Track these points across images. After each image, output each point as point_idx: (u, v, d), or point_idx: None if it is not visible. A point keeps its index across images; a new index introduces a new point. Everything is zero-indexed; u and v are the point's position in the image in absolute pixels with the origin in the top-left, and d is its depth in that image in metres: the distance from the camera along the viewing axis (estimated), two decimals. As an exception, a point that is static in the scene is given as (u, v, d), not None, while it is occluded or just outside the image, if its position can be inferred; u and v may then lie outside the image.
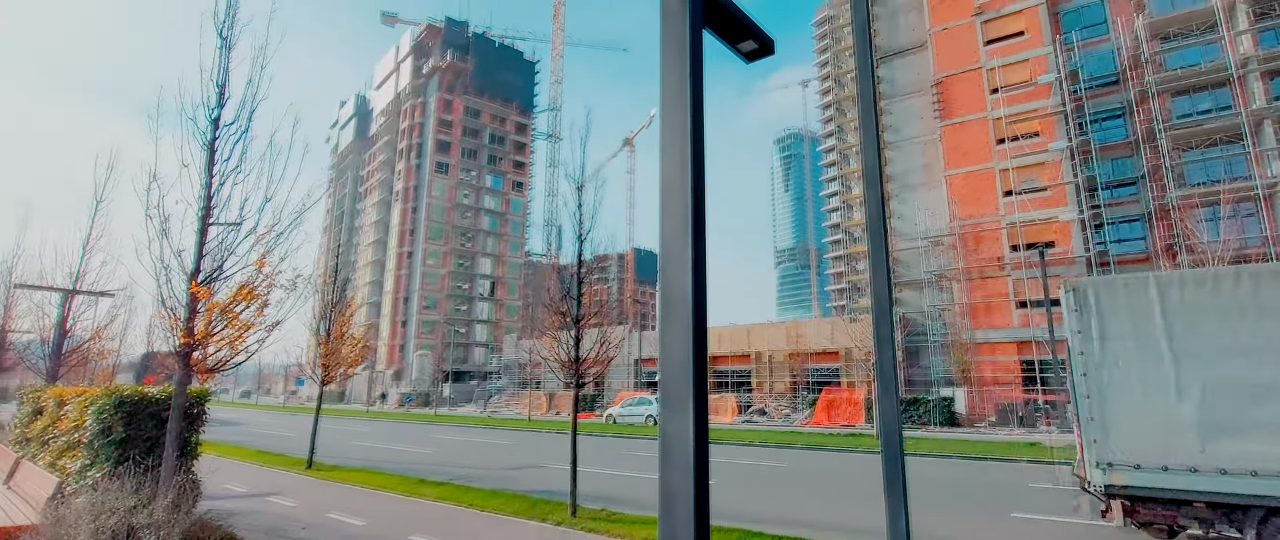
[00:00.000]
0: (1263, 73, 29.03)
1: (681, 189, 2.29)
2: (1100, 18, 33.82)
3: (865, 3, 4.36)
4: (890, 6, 40.95)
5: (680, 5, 2.36)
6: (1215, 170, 30.03)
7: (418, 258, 76.39)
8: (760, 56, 2.84)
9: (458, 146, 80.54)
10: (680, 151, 2.30)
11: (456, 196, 79.55)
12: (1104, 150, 32.70)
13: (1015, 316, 32.01)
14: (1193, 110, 30.89)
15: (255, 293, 8.23)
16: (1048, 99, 32.88)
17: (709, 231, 2.04)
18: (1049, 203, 32.14)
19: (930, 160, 37.25)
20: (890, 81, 40.01)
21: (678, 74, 2.34)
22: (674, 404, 2.08)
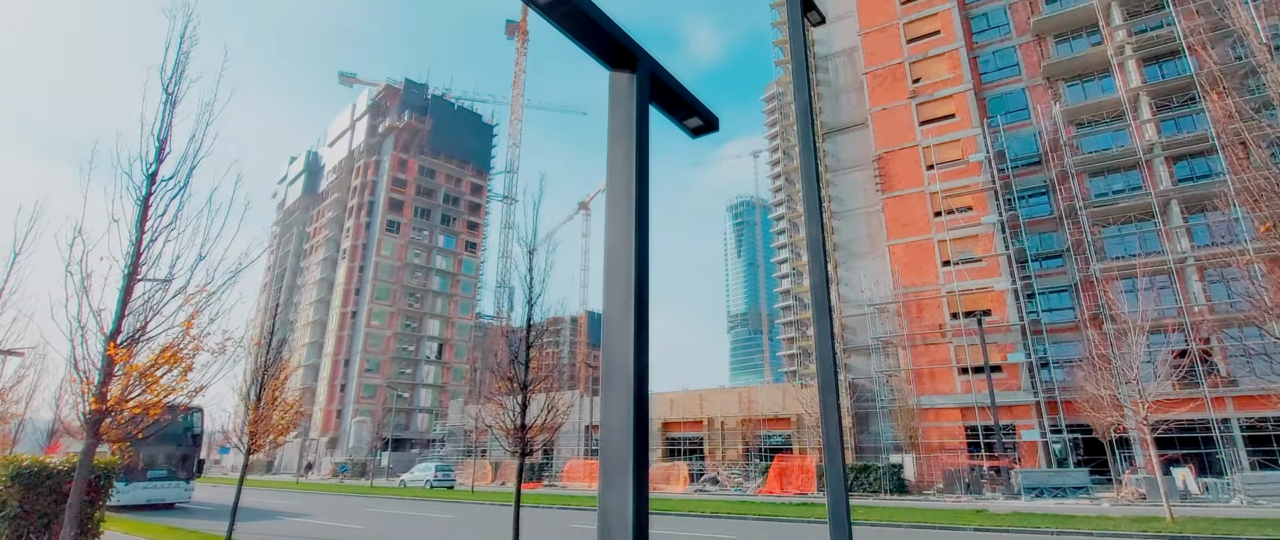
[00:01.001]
0: (1167, 157, 31.78)
1: (625, 258, 2.31)
2: (1022, 104, 36.69)
3: (806, 84, 4.60)
4: (834, 87, 43.52)
5: (628, 83, 2.45)
6: (1131, 245, 32.25)
7: (362, 318, 73.99)
8: (705, 133, 2.95)
9: (411, 206, 79.84)
10: (625, 222, 2.33)
11: (407, 256, 78.20)
12: (1032, 224, 34.81)
13: (958, 383, 32.89)
14: (1108, 190, 33.38)
15: (179, 356, 7.76)
16: (979, 176, 35.05)
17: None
18: (984, 273, 33.73)
19: (873, 230, 38.85)
20: (835, 155, 42.03)
21: (624, 147, 2.40)
22: (613, 475, 2.02)
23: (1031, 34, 36.84)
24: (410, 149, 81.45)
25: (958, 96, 36.88)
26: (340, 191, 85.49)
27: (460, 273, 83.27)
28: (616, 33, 2.46)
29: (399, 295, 76.63)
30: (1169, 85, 32.23)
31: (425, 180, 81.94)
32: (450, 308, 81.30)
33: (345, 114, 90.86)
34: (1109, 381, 23.51)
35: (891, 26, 39.96)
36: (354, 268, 76.82)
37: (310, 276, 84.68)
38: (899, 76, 38.96)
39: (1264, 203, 9.34)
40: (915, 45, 38.91)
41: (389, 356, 74.68)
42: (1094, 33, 35.73)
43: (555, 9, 2.54)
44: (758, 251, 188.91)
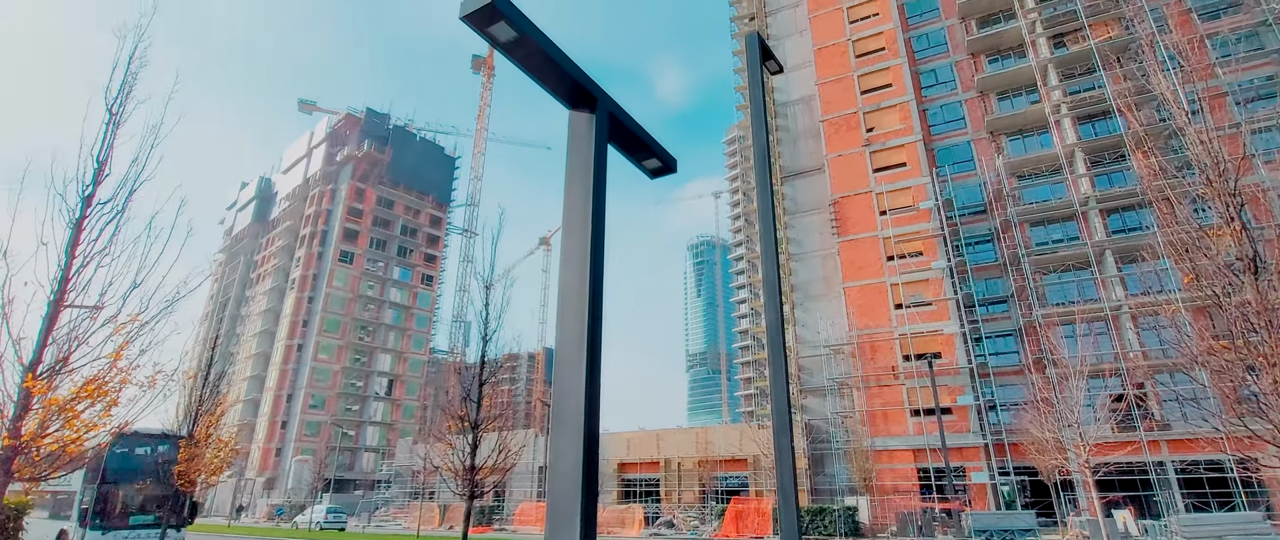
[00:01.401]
0: (1101, 210, 33.63)
1: (579, 298, 2.28)
2: (968, 155, 38.48)
3: (764, 130, 4.71)
4: (793, 133, 44.91)
5: (587, 123, 2.48)
6: (1070, 292, 33.75)
7: (309, 351, 71.29)
8: (663, 174, 2.99)
9: (366, 236, 78.17)
10: (580, 261, 2.31)
11: (360, 288, 76.16)
12: (978, 270, 36.15)
13: (910, 424, 33.43)
14: (1048, 239, 35.04)
15: (104, 389, 7.27)
16: (928, 223, 36.38)
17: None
18: (934, 316, 34.72)
19: (830, 273, 39.72)
20: (793, 198, 43.11)
21: (581, 186, 2.40)
22: (561, 520, 1.95)
23: (976, 90, 38.92)
24: (369, 178, 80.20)
25: (908, 146, 38.47)
26: (292, 219, 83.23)
27: (415, 306, 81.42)
28: (576, 73, 2.49)
29: (349, 328, 74.29)
30: (1101, 143, 34.32)
31: (383, 211, 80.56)
32: (403, 342, 79.15)
33: (302, 141, 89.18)
34: (1052, 424, 24.28)
35: (846, 78, 41.70)
36: (303, 298, 74.32)
37: (256, 307, 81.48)
38: (854, 125, 40.50)
39: (1187, 256, 9.93)
40: (869, 96, 40.62)
41: (336, 392, 71.90)
42: (1033, 92, 37.96)
43: (516, 48, 2.57)
44: (717, 291, 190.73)
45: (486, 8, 2.26)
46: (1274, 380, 8.53)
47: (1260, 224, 10.76)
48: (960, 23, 40.76)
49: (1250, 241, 9.09)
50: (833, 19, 43.64)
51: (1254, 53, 32.70)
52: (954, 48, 40.57)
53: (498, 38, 2.33)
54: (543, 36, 2.29)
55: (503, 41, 2.37)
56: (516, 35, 2.30)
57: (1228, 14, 34.04)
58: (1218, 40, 33.31)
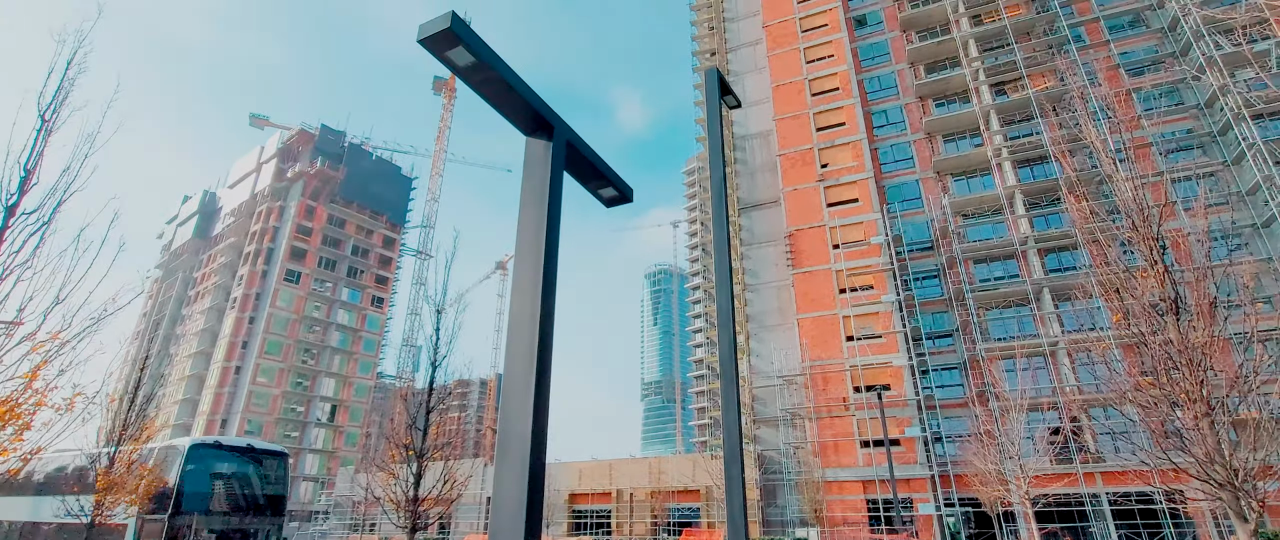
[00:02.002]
0: (1039, 249, 35.28)
1: (530, 325, 2.25)
2: (916, 194, 39.98)
3: (722, 163, 4.80)
4: (751, 166, 45.92)
5: (543, 150, 2.47)
6: (1011, 327, 35.12)
7: (247, 374, 68.16)
8: (619, 203, 2.99)
9: (315, 255, 75.77)
10: (531, 288, 2.28)
11: (305, 308, 73.53)
12: (925, 305, 37.31)
13: (860, 455, 33.92)
14: (990, 276, 36.50)
15: (16, 412, 6.75)
16: (879, 257, 37.49)
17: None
18: (884, 349, 35.57)
19: (784, 304, 40.37)
20: (750, 229, 43.88)
21: (535, 213, 2.39)
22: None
23: (923, 132, 40.65)
24: (320, 196, 78.11)
25: (861, 183, 39.75)
26: (237, 236, 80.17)
27: (363, 329, 78.98)
28: (534, 100, 2.49)
29: (292, 351, 71.41)
30: (1039, 186, 36.17)
31: (334, 230, 78.41)
32: (349, 366, 76.48)
33: (252, 155, 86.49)
34: (994, 456, 25.01)
35: (802, 116, 43.03)
36: (243, 319, 71.25)
37: (192, 326, 77.66)
38: (809, 161, 41.69)
39: (1117, 295, 10.48)
40: (823, 134, 41.96)
41: (274, 418, 68.72)
42: (976, 135, 39.88)
43: (474, 74, 2.56)
44: (674, 320, 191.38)
45: (444, 33, 2.25)
46: (1195, 416, 8.99)
47: (1182, 267, 11.47)
48: (909, 68, 42.69)
49: (1172, 284, 9.64)
50: (790, 58, 45.17)
51: (1174, 108, 35.21)
52: (904, 91, 42.40)
53: (456, 63, 2.32)
54: (501, 63, 2.29)
55: (461, 67, 2.36)
56: (474, 61, 2.30)
57: (1151, 71, 36.64)
58: (1142, 94, 35.75)
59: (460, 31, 2.25)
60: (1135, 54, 37.66)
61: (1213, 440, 9.45)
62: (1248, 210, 31.92)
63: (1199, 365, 9.39)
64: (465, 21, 2.55)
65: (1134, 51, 37.75)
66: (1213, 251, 10.64)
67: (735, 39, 50.72)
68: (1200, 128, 34.46)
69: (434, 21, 2.47)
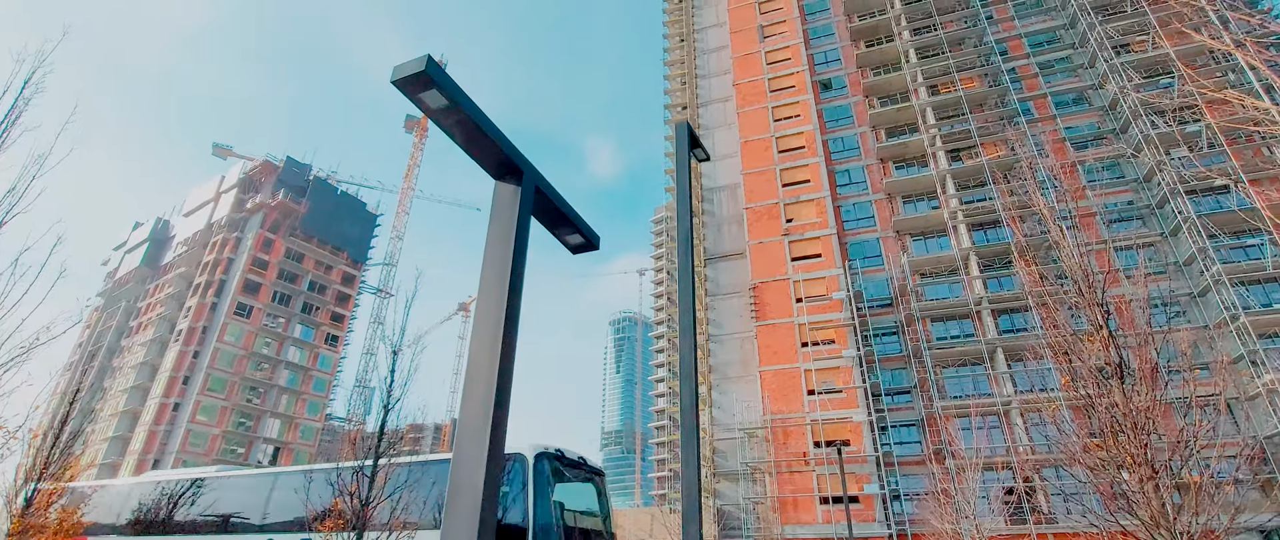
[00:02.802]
0: (992, 310, 36.39)
1: (488, 371, 2.20)
2: (877, 252, 41.10)
3: (689, 214, 4.87)
4: (718, 217, 46.74)
5: (512, 194, 2.48)
6: (967, 386, 35.80)
7: (187, 411, 64.77)
8: (586, 250, 3.00)
9: (269, 290, 73.45)
10: (492, 333, 2.25)
11: (255, 344, 70.78)
12: (884, 361, 37.88)
13: (819, 512, 33.64)
14: (947, 335, 37.38)
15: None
16: (840, 313, 38.14)
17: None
18: (844, 404, 35.82)
19: (747, 356, 40.52)
20: (715, 280, 44.32)
21: (500, 257, 2.37)
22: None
23: (884, 193, 42.12)
24: (280, 229, 76.32)
25: (824, 239, 40.74)
26: (188, 266, 77.41)
27: (315, 368, 76.21)
28: (504, 145, 2.52)
29: (237, 389, 68.30)
30: (992, 249, 37.57)
31: (291, 264, 76.38)
32: (297, 407, 73.38)
33: (211, 184, 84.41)
34: (951, 515, 25.08)
35: (769, 171, 44.24)
36: (188, 353, 68.13)
37: (131, 359, 73.84)
38: (775, 215, 42.66)
39: (1066, 358, 10.84)
40: (789, 190, 43.13)
41: (212, 458, 65.05)
42: (933, 198, 41.46)
43: (446, 116, 2.57)
44: (636, 369, 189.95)
45: (419, 75, 2.27)
46: (1140, 479, 9.21)
47: (1126, 332, 11.95)
48: (871, 131, 44.51)
49: (1117, 348, 10.00)
50: (759, 116, 46.71)
51: (1116, 181, 37.33)
52: (866, 152, 44.07)
53: (428, 104, 2.33)
54: (473, 107, 2.31)
55: (433, 109, 2.37)
56: (447, 103, 2.32)
57: (1094, 145, 38.94)
58: (1087, 167, 37.87)
59: (434, 74, 2.27)
60: (1080, 129, 40.02)
61: (1157, 503, 9.68)
62: (1185, 280, 33.62)
63: (1143, 429, 9.69)
64: (440, 65, 2.58)
65: (1078, 127, 40.13)
66: (1153, 319, 11.13)
67: (706, 95, 52.33)
68: (1140, 200, 36.50)
69: (409, 63, 2.49)
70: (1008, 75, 42.63)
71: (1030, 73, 42.99)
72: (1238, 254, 32.92)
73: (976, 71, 43.37)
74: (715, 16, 55.53)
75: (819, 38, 49.94)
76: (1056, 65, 42.80)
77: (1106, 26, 40.06)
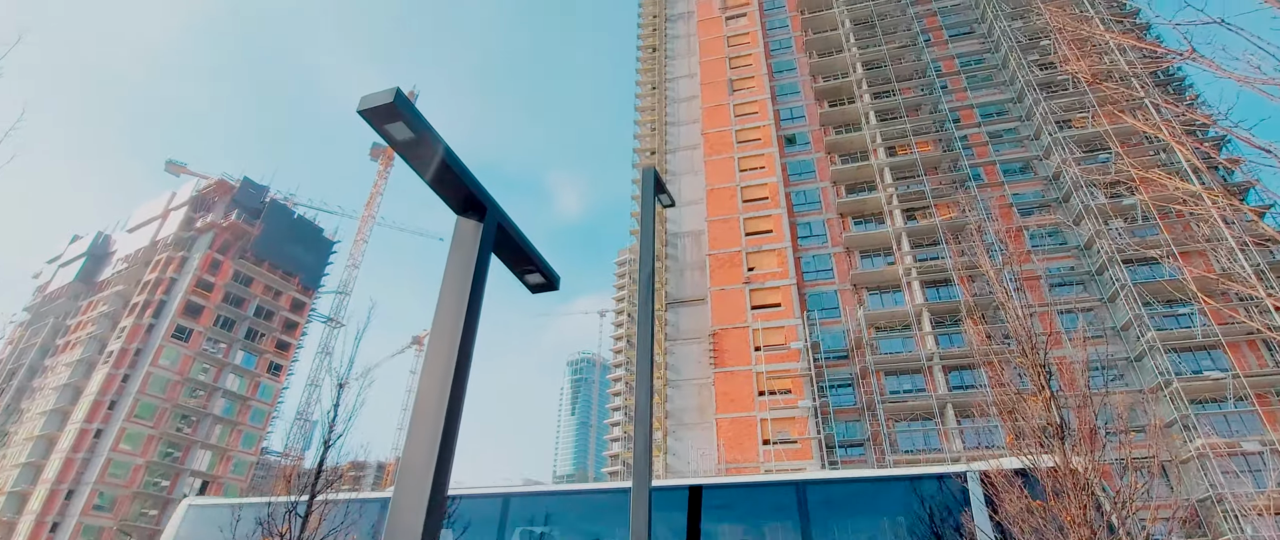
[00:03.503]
0: (943, 366, 37.28)
1: (437, 408, 2.13)
2: (834, 304, 41.92)
3: (651, 259, 4.90)
4: (681, 262, 47.19)
5: (474, 230, 2.46)
6: (918, 441, 36.31)
7: (109, 439, 60.79)
8: (546, 290, 2.97)
9: (212, 313, 70.38)
10: (443, 369, 2.19)
11: (191, 370, 67.35)
12: (839, 413, 38.23)
13: (770, 564, 33.20)
14: (900, 389, 38.04)
15: None
16: (798, 363, 38.54)
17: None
18: (798, 455, 35.85)
19: (704, 402, 40.41)
20: (676, 325, 44.42)
21: (457, 292, 2.33)
22: None
23: (842, 247, 43.27)
24: (229, 250, 73.73)
25: (784, 289, 41.43)
26: (126, 285, 73.81)
27: (254, 398, 72.74)
28: (469, 180, 2.50)
29: (167, 417, 64.53)
30: (943, 306, 38.74)
31: (238, 288, 73.56)
32: (231, 438, 69.63)
33: (160, 200, 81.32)
34: (899, 571, 25.05)
35: (733, 220, 45.10)
36: (117, 376, 64.30)
37: (53, 380, 69.25)
38: (737, 263, 43.29)
39: (1011, 417, 11.12)
40: (752, 239, 43.96)
41: (133, 491, 60.90)
42: (889, 254, 42.76)
43: (412, 149, 2.56)
44: (592, 412, 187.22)
45: (386, 106, 2.26)
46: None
47: (1067, 393, 12.36)
48: (832, 186, 45.96)
49: (1058, 409, 10.32)
50: (725, 165, 47.84)
51: (1059, 247, 39.20)
52: (826, 207, 45.39)
53: (394, 137, 2.31)
54: (439, 141, 2.30)
55: (399, 140, 2.35)
56: (413, 136, 2.30)
57: (1038, 212, 40.97)
58: (1032, 232, 39.75)
59: (403, 107, 2.26)
60: (1026, 196, 42.12)
61: (1097, 564, 9.87)
62: (1123, 344, 35.17)
63: (1084, 489, 9.94)
64: (409, 98, 2.58)
65: (1025, 194, 42.24)
66: (1092, 381, 11.57)
67: (675, 142, 53.45)
68: (1081, 266, 38.34)
69: (377, 94, 2.48)
70: (960, 142, 44.83)
71: (981, 141, 45.31)
72: (1170, 322, 34.69)
73: (931, 136, 45.50)
74: (687, 68, 57.23)
75: (785, 95, 51.85)
76: (1005, 135, 45.25)
77: (1050, 103, 42.69)
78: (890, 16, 52.13)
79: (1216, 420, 31.45)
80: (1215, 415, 31.72)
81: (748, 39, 54.75)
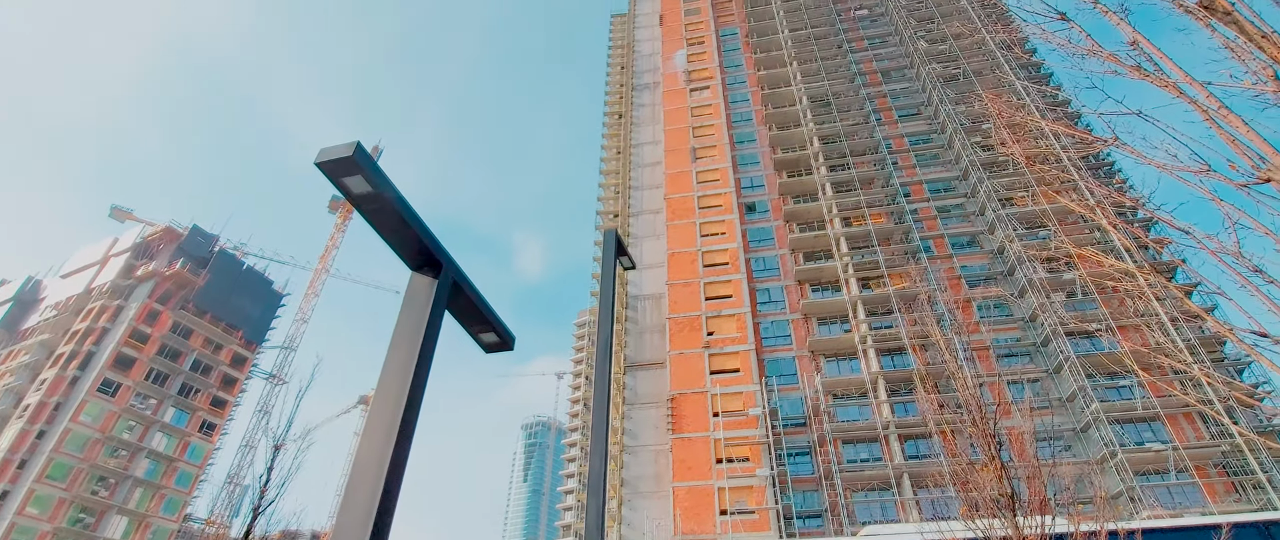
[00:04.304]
0: (899, 435, 37.50)
1: (376, 472, 2.01)
2: (792, 370, 42.15)
3: (610, 320, 4.86)
4: (640, 325, 47.06)
5: (427, 287, 2.39)
6: (876, 512, 36.01)
7: (14, 502, 55.68)
8: (500, 350, 2.90)
9: (145, 367, 66.48)
10: (386, 432, 2.07)
11: (116, 427, 62.92)
12: (797, 482, 37.80)
13: (726, 643, 31.85)
14: (857, 458, 37.98)
15: None
16: (756, 430, 38.27)
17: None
18: (756, 527, 35.09)
19: (661, 470, 39.52)
20: (633, 389, 43.85)
21: (406, 351, 2.24)
22: None
23: (800, 313, 43.96)
24: (170, 301, 70.46)
25: (742, 354, 41.57)
26: (53, 333, 69.47)
27: (182, 459, 68.04)
28: (425, 235, 2.45)
29: (83, 478, 59.65)
30: (898, 374, 39.34)
31: (175, 340, 69.95)
32: (151, 503, 64.52)
33: (100, 245, 77.93)
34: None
35: (693, 284, 45.54)
36: (31, 432, 59.52)
37: (-42, 436, 63.63)
38: (696, 328, 43.42)
39: (965, 487, 11.20)
40: (712, 303, 44.33)
41: (37, 562, 55.41)
42: (846, 322, 43.56)
43: (369, 202, 2.51)
44: (545, 478, 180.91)
45: (345, 159, 2.23)
46: (1036, 614, 9.33)
47: (1018, 463, 12.55)
48: (790, 254, 47.08)
49: (1008, 479, 10.44)
50: (686, 231, 48.69)
51: (1006, 318, 40.62)
52: (785, 274, 46.33)
53: (351, 190, 2.27)
54: (397, 195, 2.27)
55: (356, 194, 2.32)
56: (371, 190, 2.27)
57: (985, 284, 42.58)
58: (980, 304, 41.16)
59: (362, 160, 2.24)
60: (973, 269, 43.85)
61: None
62: (1069, 415, 36.12)
63: (1036, 562, 9.96)
64: (369, 153, 2.55)
65: (972, 266, 43.99)
66: (1040, 451, 11.79)
67: (638, 205, 54.32)
68: (1027, 338, 39.68)
69: (337, 147, 2.44)
70: (911, 215, 46.78)
71: (930, 214, 47.37)
72: (1113, 394, 35.91)
73: (884, 208, 47.40)
74: (652, 135, 58.90)
75: (746, 164, 53.63)
76: (952, 210, 47.46)
77: (993, 182, 45.17)
78: (844, 96, 55.08)
79: (1160, 492, 32.24)
80: (1159, 487, 32.54)
81: (711, 110, 56.95)
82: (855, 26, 63.42)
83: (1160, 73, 6.29)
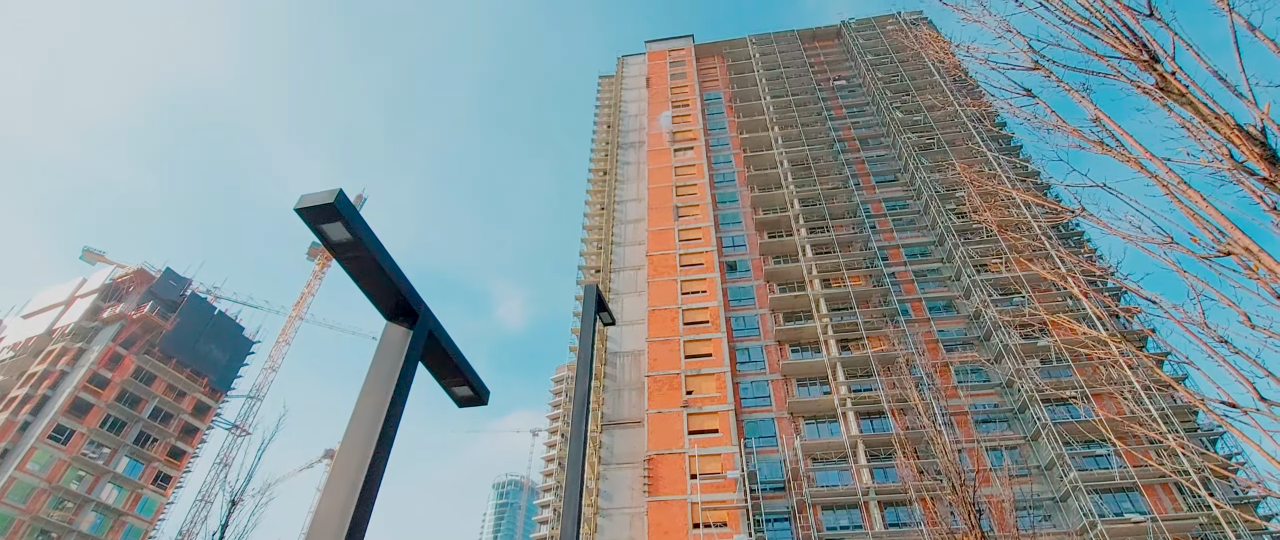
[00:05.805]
0: (879, 502, 36.86)
1: (335, 531, 1.92)
2: (772, 432, 41.61)
3: (588, 378, 4.79)
4: (619, 382, 46.45)
5: (402, 337, 2.34)
6: (854, 582, 34.95)
7: (-53, 559, 52.00)
8: (473, 404, 2.82)
9: (101, 413, 63.75)
10: (349, 488, 1.98)
11: (65, 477, 59.74)
12: (775, 548, 36.76)
13: None
14: (837, 524, 37.13)
15: None
16: (734, 493, 37.40)
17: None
18: (733, 594, 33.82)
19: (636, 534, 38.25)
20: (610, 448, 42.87)
21: (377, 401, 2.17)
22: None
23: (780, 374, 43.78)
24: (135, 345, 68.29)
25: (722, 414, 41.04)
26: (8, 376, 66.65)
27: (132, 513, 64.48)
28: (402, 284, 2.42)
29: (23, 532, 56.13)
30: (878, 438, 38.98)
31: (137, 386, 67.44)
32: (98, 560, 60.72)
33: (67, 286, 75.87)
34: None
35: (673, 342, 45.33)
36: (-27, 482, 56.27)
37: (-109, 484, 59.82)
38: (676, 386, 42.95)
39: (946, 557, 10.96)
40: (691, 362, 44.03)
41: (-39, 625, 51.36)
42: (825, 384, 43.41)
43: (347, 250, 2.49)
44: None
45: (325, 206, 2.21)
46: None
47: (998, 533, 12.35)
48: (770, 314, 47.26)
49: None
50: (668, 288, 48.81)
51: (983, 384, 40.78)
52: (764, 333, 46.36)
53: (330, 237, 2.25)
54: (377, 243, 2.25)
55: (334, 241, 2.29)
56: (350, 238, 2.25)
57: (962, 349, 42.91)
58: (957, 368, 41.35)
59: (342, 207, 2.23)
60: (950, 333, 44.28)
61: None
62: (1047, 483, 35.87)
63: (1020, 638, 9.68)
64: (351, 201, 2.54)
65: (949, 331, 44.43)
66: (1020, 521, 11.64)
67: (620, 261, 54.54)
68: (1004, 404, 39.76)
69: (318, 194, 2.43)
70: (889, 278, 47.46)
71: (908, 278, 48.11)
72: (1091, 462, 35.82)
73: (863, 271, 48.08)
74: (635, 192, 59.78)
75: (728, 224, 54.44)
76: (929, 275, 48.27)
77: (968, 248, 46.21)
78: (824, 160, 56.69)
79: (1140, 565, 31.80)
80: (1138, 560, 32.12)
81: (694, 170, 58.14)
82: (834, 95, 65.95)
83: (1122, 148, 6.59)
